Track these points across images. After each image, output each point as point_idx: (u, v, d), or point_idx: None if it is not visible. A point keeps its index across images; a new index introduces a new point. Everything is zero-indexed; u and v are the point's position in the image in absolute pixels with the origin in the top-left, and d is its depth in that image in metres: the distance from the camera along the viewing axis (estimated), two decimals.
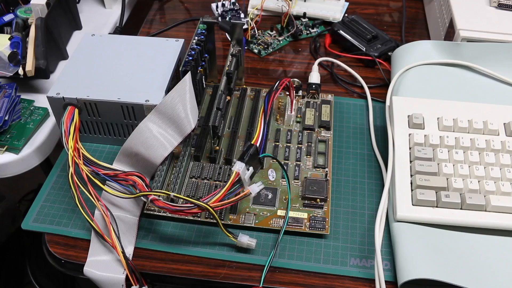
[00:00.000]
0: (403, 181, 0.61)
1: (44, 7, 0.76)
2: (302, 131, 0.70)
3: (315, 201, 0.61)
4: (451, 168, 0.61)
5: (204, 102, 0.74)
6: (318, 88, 0.74)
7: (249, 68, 0.83)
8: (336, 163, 0.67)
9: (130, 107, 0.63)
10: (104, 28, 0.88)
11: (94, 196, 0.57)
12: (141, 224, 0.61)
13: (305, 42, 0.88)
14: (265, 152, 0.65)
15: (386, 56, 0.83)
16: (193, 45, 0.68)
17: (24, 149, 0.67)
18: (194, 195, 0.62)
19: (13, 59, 0.70)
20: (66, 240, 0.60)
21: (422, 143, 0.64)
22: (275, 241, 0.59)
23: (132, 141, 0.61)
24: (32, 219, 0.61)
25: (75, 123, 0.61)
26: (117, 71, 0.67)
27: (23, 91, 0.74)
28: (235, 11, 0.91)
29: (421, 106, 0.68)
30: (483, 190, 0.59)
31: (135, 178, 0.57)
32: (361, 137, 0.70)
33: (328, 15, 0.91)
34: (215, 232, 0.60)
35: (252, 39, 0.87)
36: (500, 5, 0.81)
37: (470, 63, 0.75)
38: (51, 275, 1.05)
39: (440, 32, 0.83)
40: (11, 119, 0.68)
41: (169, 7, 0.97)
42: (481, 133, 0.65)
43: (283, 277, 0.57)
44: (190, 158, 0.66)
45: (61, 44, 0.80)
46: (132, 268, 0.55)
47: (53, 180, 0.66)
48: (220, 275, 0.57)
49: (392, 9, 0.97)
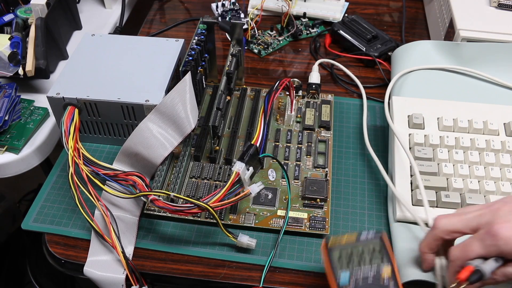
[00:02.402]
0: (403, 181, 0.61)
1: (44, 7, 0.76)
2: (302, 131, 0.70)
3: (315, 201, 0.61)
4: (451, 168, 0.61)
5: (204, 102, 0.74)
6: (318, 88, 0.74)
7: (249, 68, 0.83)
8: (336, 163, 0.67)
9: (130, 107, 0.63)
10: (104, 28, 0.88)
11: (94, 196, 0.57)
12: (141, 224, 0.61)
13: (305, 42, 0.88)
14: (265, 152, 0.65)
15: (386, 56, 0.83)
16: (193, 45, 0.68)
17: (24, 149, 0.67)
18: (194, 195, 0.62)
19: (13, 59, 0.70)
20: (66, 240, 0.60)
21: (422, 143, 0.64)
22: (275, 241, 0.59)
23: (132, 141, 0.61)
24: (32, 219, 0.61)
25: (75, 123, 0.61)
26: (117, 71, 0.67)
27: (23, 91, 0.74)
28: (235, 11, 0.91)
29: (421, 106, 0.68)
30: (483, 190, 0.59)
31: (135, 178, 0.57)
32: (361, 137, 0.70)
33: (328, 15, 0.91)
34: (215, 232, 0.60)
35: (252, 39, 0.87)
36: (500, 5, 0.81)
37: (469, 68, 0.75)
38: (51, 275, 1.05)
39: (440, 32, 0.83)
40: (11, 119, 0.68)
41: (169, 7, 0.97)
42: (481, 133, 0.65)
43: (283, 277, 0.57)
44: (190, 158, 0.66)
45: (61, 44, 0.80)
46: (132, 268, 0.55)
47: (53, 180, 0.66)
48: (220, 275, 0.57)
49: (392, 9, 0.97)
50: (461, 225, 0.47)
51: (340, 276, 0.47)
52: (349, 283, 0.46)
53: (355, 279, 0.46)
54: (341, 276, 0.47)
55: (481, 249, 0.44)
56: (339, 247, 0.49)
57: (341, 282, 0.46)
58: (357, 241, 0.49)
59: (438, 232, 0.48)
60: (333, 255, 0.49)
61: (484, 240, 0.44)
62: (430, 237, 0.49)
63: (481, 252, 0.44)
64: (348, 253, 0.48)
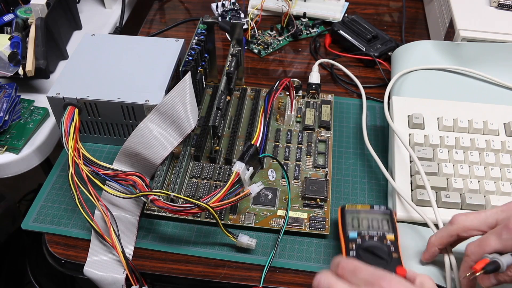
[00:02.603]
0: (404, 181, 0.61)
1: (44, 7, 0.76)
2: (302, 131, 0.70)
3: (315, 201, 0.61)
4: (451, 168, 0.61)
5: (204, 102, 0.74)
6: (318, 88, 0.74)
7: (249, 68, 0.83)
8: (336, 163, 0.67)
9: (130, 107, 0.63)
10: (104, 28, 0.88)
11: (94, 196, 0.57)
12: (141, 224, 0.61)
13: (305, 42, 0.88)
14: (265, 152, 0.65)
15: (386, 56, 0.83)
16: (193, 45, 0.68)
17: (24, 149, 0.67)
18: (194, 195, 0.62)
19: (13, 59, 0.70)
20: (66, 240, 0.60)
21: (422, 143, 0.64)
22: (275, 241, 0.59)
23: (132, 141, 0.61)
24: (32, 219, 0.61)
25: (75, 123, 0.61)
26: (117, 71, 0.67)
27: (23, 91, 0.74)
28: (235, 11, 0.91)
29: (421, 106, 0.68)
30: (483, 190, 0.59)
31: (135, 178, 0.57)
32: (361, 137, 0.70)
33: (328, 15, 0.91)
34: (215, 232, 0.60)
35: (252, 39, 0.87)
36: (500, 5, 0.81)
37: (469, 68, 0.75)
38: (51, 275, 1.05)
39: (440, 32, 0.83)
40: (11, 119, 0.68)
41: (169, 7, 0.97)
42: (481, 133, 0.65)
43: (283, 277, 0.57)
44: (190, 158, 0.66)
45: (61, 44, 0.80)
46: (132, 268, 0.55)
47: (53, 180, 0.66)
48: (220, 275, 0.57)
49: (392, 9, 0.97)
50: (478, 222, 0.47)
51: (349, 233, 0.54)
52: (357, 238, 0.53)
53: (362, 236, 0.53)
54: (350, 233, 0.54)
55: (498, 243, 0.44)
56: (353, 211, 0.56)
57: (350, 236, 0.53)
58: (370, 210, 0.56)
59: (455, 228, 0.49)
60: (346, 217, 0.56)
61: (501, 235, 0.44)
62: (445, 232, 0.50)
63: (497, 247, 0.44)
64: (360, 218, 0.55)
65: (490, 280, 0.45)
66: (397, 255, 0.52)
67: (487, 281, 0.45)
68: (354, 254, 0.52)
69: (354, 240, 0.53)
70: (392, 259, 0.51)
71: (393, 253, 0.52)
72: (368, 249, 0.52)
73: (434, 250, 0.52)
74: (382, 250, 0.52)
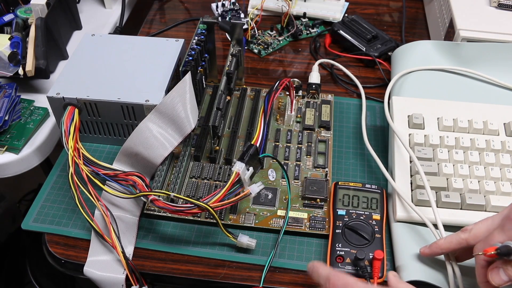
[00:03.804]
0: (404, 181, 0.61)
1: (44, 7, 0.76)
2: (302, 131, 0.70)
3: (315, 201, 0.61)
4: (451, 168, 0.61)
5: (204, 102, 0.74)
6: (318, 88, 0.74)
7: (249, 68, 0.83)
8: (336, 163, 0.67)
9: (130, 107, 0.63)
10: (104, 28, 0.88)
11: (94, 196, 0.57)
12: (141, 224, 0.61)
13: (305, 42, 0.88)
14: (265, 152, 0.65)
15: (386, 56, 0.83)
16: (193, 45, 0.68)
17: (24, 149, 0.67)
18: (194, 195, 0.62)
19: (13, 59, 0.70)
20: (66, 240, 0.60)
21: (422, 143, 0.64)
22: (275, 241, 0.59)
23: (132, 141, 0.61)
24: (32, 219, 0.61)
25: (75, 123, 0.61)
26: (117, 71, 0.67)
27: (23, 91, 0.74)
28: (235, 11, 0.91)
29: (421, 106, 0.68)
30: (483, 190, 0.59)
31: (135, 178, 0.57)
32: (361, 137, 0.70)
33: (328, 15, 0.91)
34: (215, 232, 0.60)
35: (252, 39, 0.87)
36: (500, 5, 0.81)
37: (469, 68, 0.75)
38: (51, 275, 1.05)
39: (440, 32, 0.83)
40: (11, 119, 0.68)
41: (169, 7, 0.97)
42: (481, 133, 0.65)
43: (283, 277, 0.57)
44: (190, 158, 0.66)
45: (61, 44, 0.80)
46: (132, 268, 0.55)
47: (53, 180, 0.66)
48: (220, 275, 0.57)
49: (392, 9, 0.97)
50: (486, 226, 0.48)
51: (338, 210, 0.59)
52: (345, 216, 0.58)
53: (350, 213, 0.58)
54: (339, 211, 0.59)
55: (503, 235, 0.45)
56: (345, 187, 0.61)
57: (338, 213, 0.59)
58: (361, 188, 0.61)
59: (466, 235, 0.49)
60: (338, 193, 0.61)
61: (504, 226, 0.45)
62: (455, 240, 0.50)
63: (503, 238, 0.45)
64: (351, 195, 0.60)
65: (500, 276, 0.45)
66: (380, 235, 0.56)
67: (497, 277, 0.45)
68: (340, 231, 0.57)
69: (342, 217, 0.58)
70: (374, 240, 0.56)
71: (376, 233, 0.56)
72: (353, 229, 0.57)
73: (437, 251, 0.52)
74: (366, 230, 0.57)
